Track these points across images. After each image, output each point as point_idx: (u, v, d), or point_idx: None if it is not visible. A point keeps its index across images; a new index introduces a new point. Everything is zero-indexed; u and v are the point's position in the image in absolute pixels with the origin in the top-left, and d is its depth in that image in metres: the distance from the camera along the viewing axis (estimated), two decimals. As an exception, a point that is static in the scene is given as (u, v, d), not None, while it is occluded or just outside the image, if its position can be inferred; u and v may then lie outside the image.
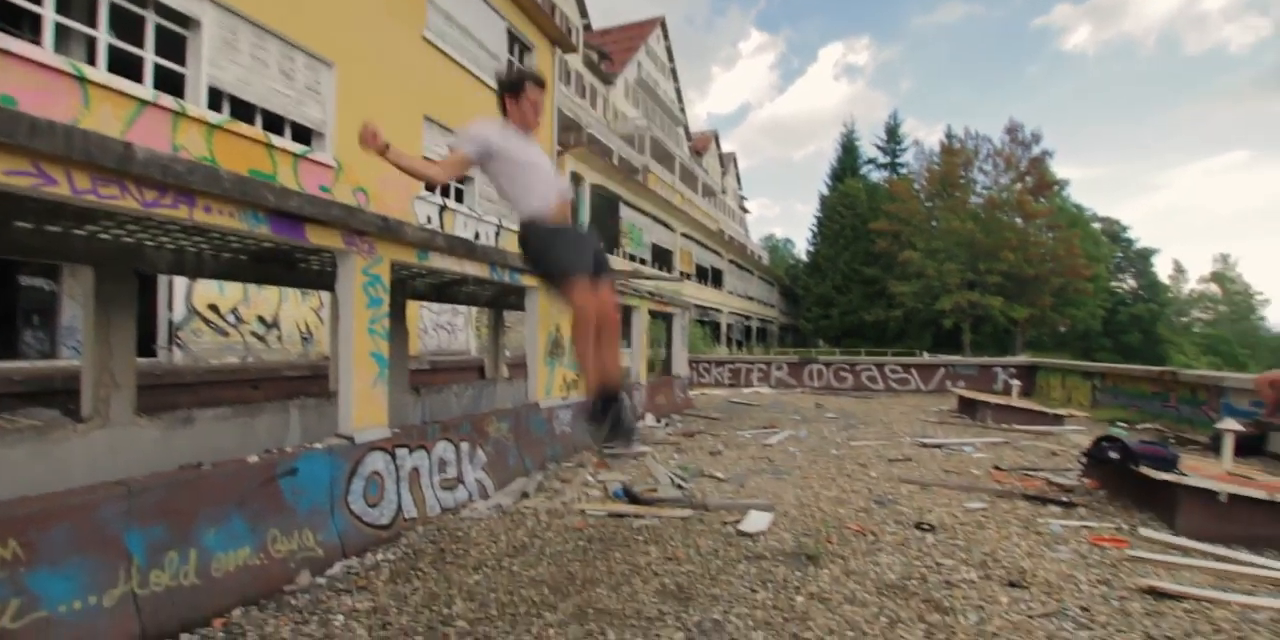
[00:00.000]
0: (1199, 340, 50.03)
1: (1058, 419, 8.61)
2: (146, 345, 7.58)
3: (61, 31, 6.44)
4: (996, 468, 5.74)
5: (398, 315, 6.76)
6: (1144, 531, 3.75)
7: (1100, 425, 8.49)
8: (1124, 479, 4.51)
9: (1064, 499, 4.56)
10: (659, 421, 8.89)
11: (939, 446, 6.96)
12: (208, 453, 4.75)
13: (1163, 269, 52.27)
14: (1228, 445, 4.53)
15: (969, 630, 2.51)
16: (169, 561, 2.53)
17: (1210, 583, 3.01)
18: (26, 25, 7.08)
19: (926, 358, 19.37)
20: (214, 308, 8.09)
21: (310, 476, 3.25)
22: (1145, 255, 47.49)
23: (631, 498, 4.50)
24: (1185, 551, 3.44)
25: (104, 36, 6.57)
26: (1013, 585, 2.96)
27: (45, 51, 5.94)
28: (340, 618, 2.64)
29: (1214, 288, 58.06)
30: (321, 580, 3.04)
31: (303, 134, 8.92)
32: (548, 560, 3.32)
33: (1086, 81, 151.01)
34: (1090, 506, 4.39)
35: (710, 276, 31.46)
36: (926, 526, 3.90)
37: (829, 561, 3.28)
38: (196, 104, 7.28)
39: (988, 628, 2.52)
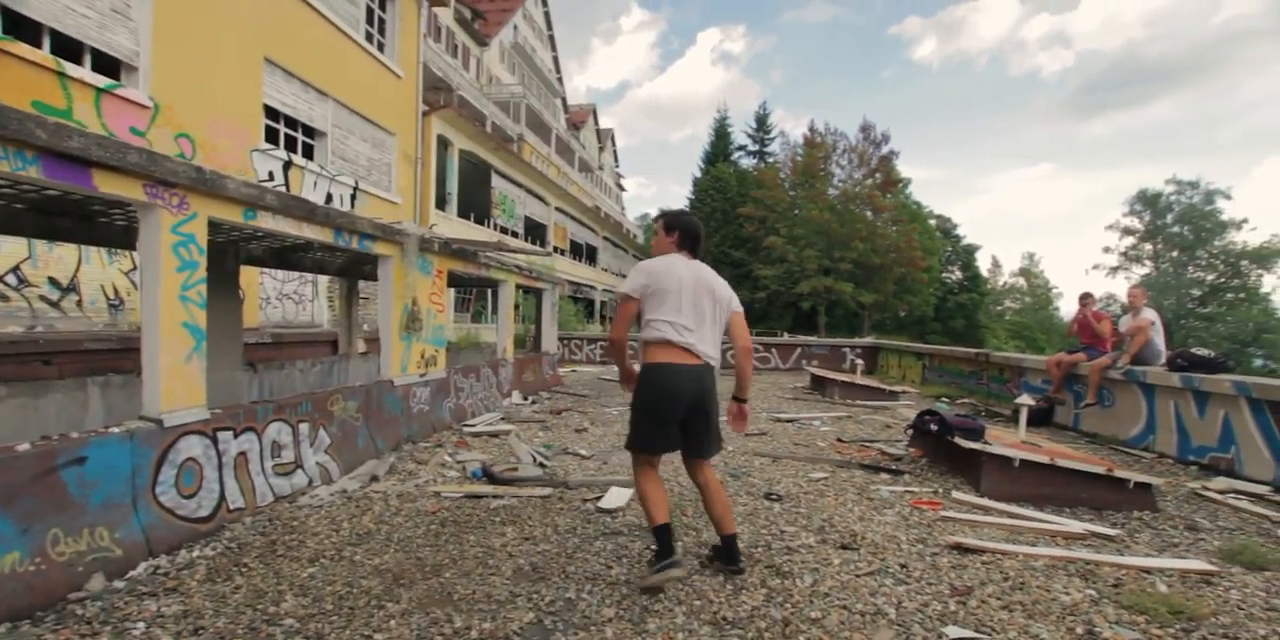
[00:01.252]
0: (1009, 326, 57.81)
1: (893, 395, 9.54)
2: (-110, 310, 6.19)
3: None
4: (839, 440, 6.23)
5: (228, 282, 6.03)
6: (956, 494, 4.23)
7: (927, 400, 9.51)
8: (942, 448, 5.06)
9: (893, 467, 5.04)
10: (526, 399, 8.74)
11: (792, 421, 7.44)
12: (-27, 440, 3.97)
13: (984, 263, 59.42)
14: (1023, 417, 5.23)
15: (804, 591, 2.68)
16: (-102, 575, 2.07)
17: (1004, 537, 3.46)
18: None
19: (786, 338, 20.69)
20: (-12, 267, 6.75)
21: (104, 466, 2.80)
22: (970, 250, 53.64)
23: (491, 478, 4.36)
24: (986, 511, 3.93)
25: None
26: (844, 547, 3.22)
27: None
28: (141, 625, 2.30)
29: (1022, 281, 67.24)
30: (120, 584, 2.64)
31: (110, 67, 7.58)
32: (395, 547, 3.13)
33: (929, 89, 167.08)
34: (914, 473, 4.89)
35: (585, 253, 31.33)
36: (775, 497, 4.14)
37: (683, 534, 3.38)
38: (-42, 15, 5.92)
39: (820, 588, 2.70)
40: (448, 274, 6.62)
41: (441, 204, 16.72)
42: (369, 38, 12.86)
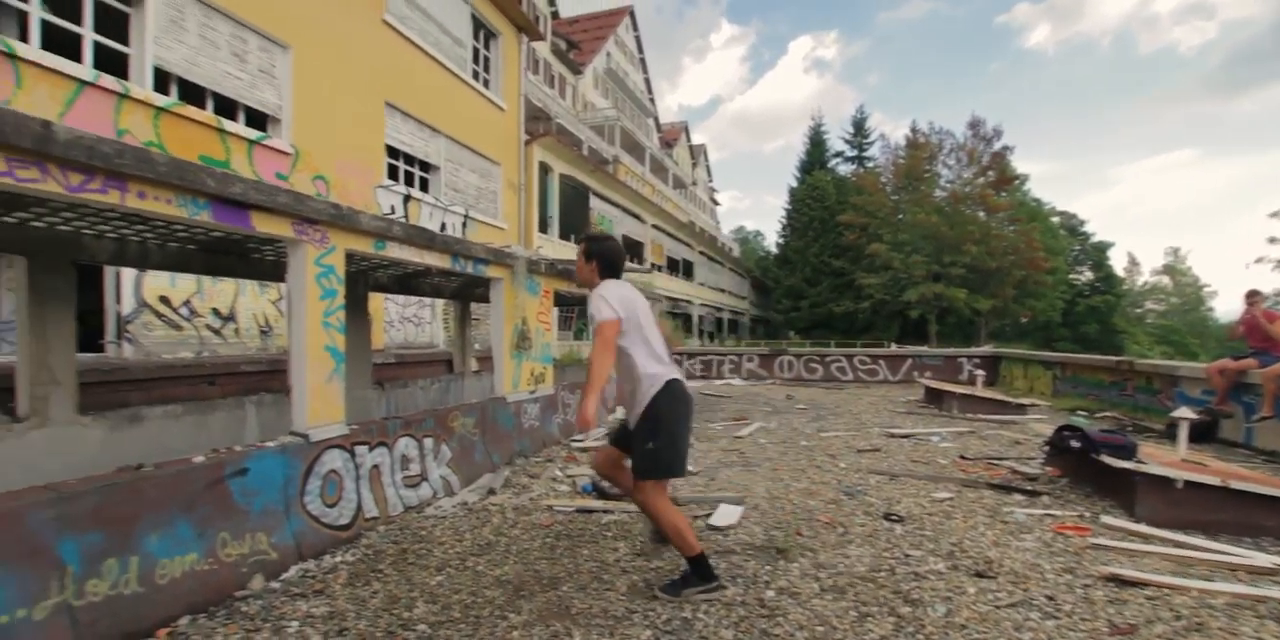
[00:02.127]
0: (1152, 330, 51.97)
1: (1020, 408, 8.79)
2: (93, 340, 7.24)
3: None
4: (962, 457, 5.81)
5: (358, 307, 6.56)
6: (1105, 519, 3.81)
7: (1061, 414, 8.69)
8: (1085, 467, 4.59)
9: (1028, 487, 4.63)
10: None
11: (907, 436, 7.04)
12: (158, 453, 4.52)
13: (1118, 262, 54.02)
14: (1183, 433, 4.65)
15: (937, 622, 2.50)
16: (108, 569, 2.38)
17: (1169, 569, 3.07)
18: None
19: (894, 349, 19.68)
20: (165, 300, 7.76)
21: (262, 476, 3.11)
22: (1101, 248, 48.96)
23: (600, 493, 4.43)
24: (1145, 538, 3.51)
25: (37, 11, 6.18)
26: (980, 575, 2.98)
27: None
28: (295, 624, 2.51)
29: (1166, 280, 60.34)
30: (276, 585, 2.90)
31: (258, 119, 8.57)
32: (514, 559, 3.24)
33: (1045, 79, 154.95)
34: (1053, 494, 4.47)
35: (681, 268, 31.47)
36: (895, 517, 3.91)
37: (799, 555, 3.26)
38: (141, 85, 6.92)
39: (956, 619, 2.51)
40: (554, 293, 6.86)
41: (544, 227, 17.43)
42: (475, 76, 13.73)
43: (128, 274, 7.30)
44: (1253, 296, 6.49)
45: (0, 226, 3.70)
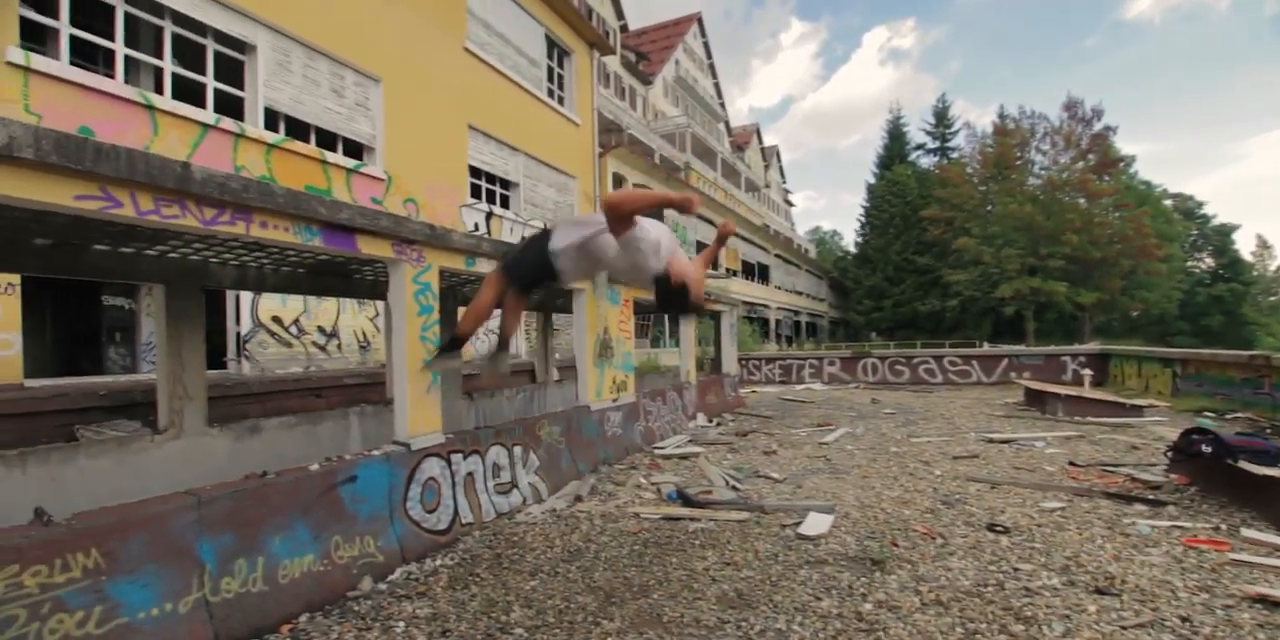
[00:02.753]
0: (1291, 321, 46.54)
1: (1136, 410, 8.09)
2: (217, 358, 7.95)
3: (130, 63, 6.80)
4: (1072, 464, 5.42)
5: (449, 321, 6.87)
6: (1246, 532, 3.45)
7: (1185, 416, 7.94)
8: (1218, 474, 4.18)
9: (1151, 497, 4.25)
10: (710, 421, 8.79)
11: (1007, 442, 6.63)
12: (274, 460, 4.91)
13: (1245, 245, 48.89)
14: (1338, 436, 4.15)
15: (1055, 641, 2.34)
16: (238, 569, 2.61)
17: (1328, 589, 2.74)
18: (100, 59, 7.53)
19: (988, 348, 18.59)
20: (277, 320, 8.42)
21: (369, 483, 3.31)
22: (1224, 232, 44.50)
23: (686, 500, 4.43)
24: (1296, 554, 3.15)
25: (169, 66, 6.91)
26: (1100, 592, 2.76)
27: (117, 83, 6.28)
28: (401, 624, 2.66)
29: (1306, 264, 53.91)
30: (383, 586, 3.08)
31: (354, 149, 9.19)
32: (603, 565, 3.29)
33: (1151, 51, 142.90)
34: (1181, 505, 4.08)
35: (757, 272, 31.05)
36: (1000, 528, 3.69)
37: (896, 566, 3.14)
38: (255, 125, 7.58)
39: (1076, 639, 2.34)
40: (633, 302, 6.95)
41: (618, 236, 17.65)
42: (550, 93, 14.16)
43: (245, 297, 7.99)
44: None
45: (143, 259, 4.15)
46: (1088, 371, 11.26)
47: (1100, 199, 31.97)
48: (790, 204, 54.95)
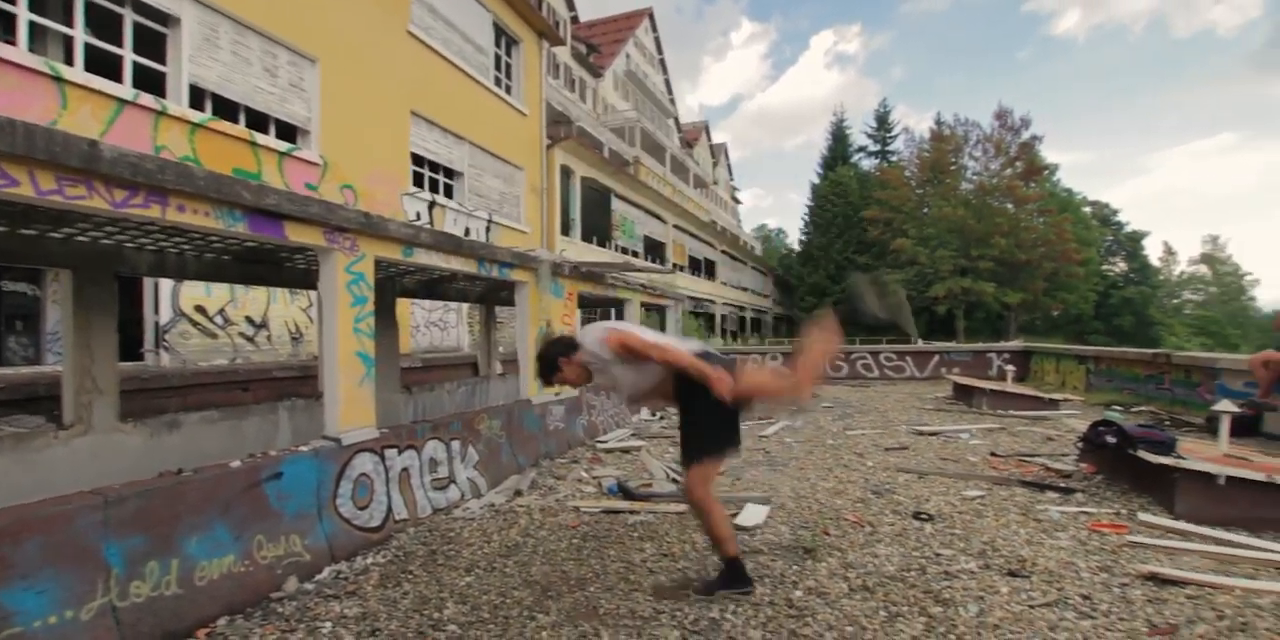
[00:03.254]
0: (1190, 322, 50.43)
1: (1053, 404, 8.61)
2: (133, 349, 7.48)
3: (36, 31, 6.29)
4: (993, 454, 5.71)
5: (387, 313, 6.67)
6: (1143, 516, 3.72)
7: (1095, 409, 8.49)
8: (1121, 463, 4.48)
9: (1062, 485, 4.53)
10: (653, 415, 8.85)
11: (935, 434, 6.93)
12: (195, 457, 4.67)
13: (1153, 252, 52.58)
14: (1224, 427, 4.51)
15: (969, 622, 2.47)
16: (150, 572, 2.47)
17: (1211, 567, 2.98)
18: (1, 25, 6.94)
19: (921, 345, 19.39)
20: (201, 309, 7.99)
21: (296, 480, 3.19)
22: (1136, 238, 47.65)
23: (626, 493, 4.45)
24: (1185, 536, 3.42)
25: (81, 35, 6.42)
26: (1013, 574, 2.93)
27: (20, 51, 5.80)
28: (328, 625, 2.58)
29: (1204, 269, 58.49)
30: (310, 586, 2.97)
31: (288, 131, 8.78)
32: (541, 560, 3.27)
33: (1076, 66, 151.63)
34: (1088, 492, 4.37)
35: (703, 268, 31.39)
36: (924, 516, 3.86)
37: (826, 554, 3.24)
38: (178, 103, 7.15)
39: (989, 619, 2.48)
40: (577, 296, 6.91)
41: (566, 230, 17.53)
42: (497, 82, 13.88)
43: (165, 284, 7.54)
44: (1297, 286, 6.27)
45: (48, 242, 3.86)
46: (1011, 367, 11.89)
47: (1026, 204, 33.76)
48: (737, 201, 55.75)
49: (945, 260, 33.10)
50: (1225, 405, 4.62)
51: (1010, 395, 8.94)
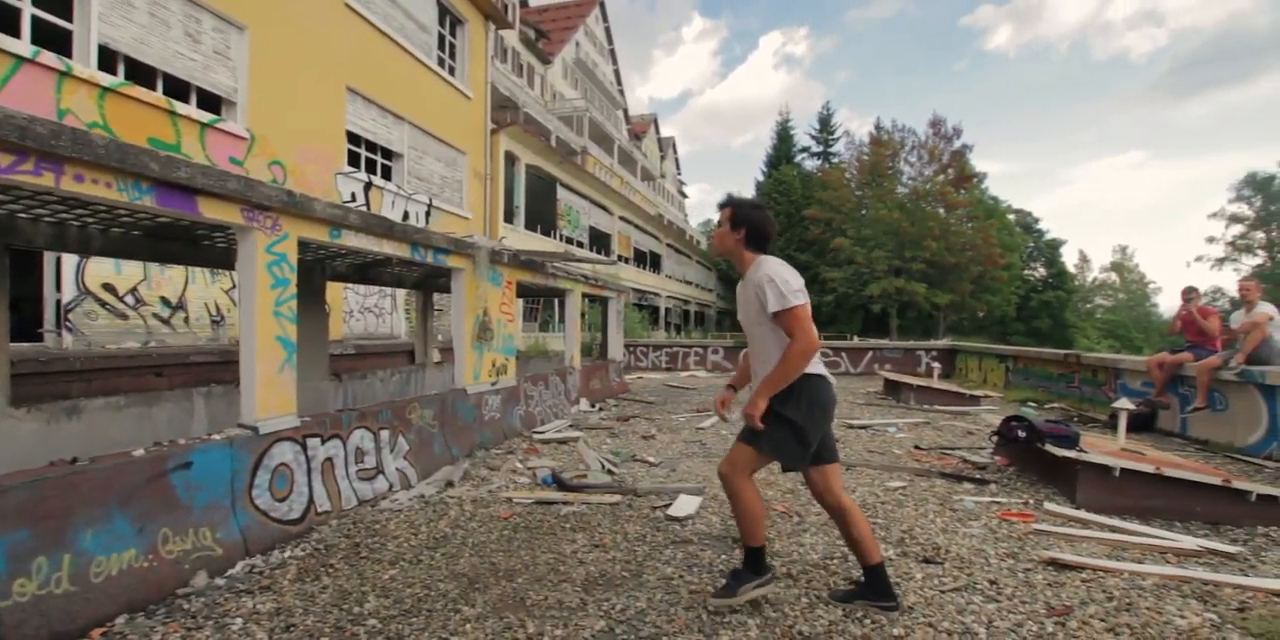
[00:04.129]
0: (1100, 325, 54.09)
1: (974, 400, 9.07)
2: (31, 329, 6.90)
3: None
4: (917, 447, 5.97)
5: (315, 297, 6.39)
6: (1048, 506, 3.96)
7: (1012, 405, 8.99)
8: (1031, 456, 4.76)
9: (977, 476, 4.78)
10: (593, 406, 8.83)
11: (865, 427, 7.19)
12: (99, 446, 4.35)
13: (1070, 258, 55.94)
14: (1122, 423, 4.86)
15: (885, 607, 2.57)
16: (37, 568, 2.28)
17: (1105, 552, 3.20)
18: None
19: (856, 341, 20.08)
20: (110, 288, 7.43)
21: (207, 470, 3.01)
22: (1054, 245, 50.59)
23: (561, 484, 4.42)
24: (1084, 524, 3.66)
25: (-33, -18, 5.83)
26: (927, 561, 3.07)
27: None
28: (239, 621, 2.45)
29: (1114, 276, 62.83)
30: (221, 581, 2.82)
31: (212, 102, 8.24)
32: (470, 552, 3.21)
33: (1006, 81, 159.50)
34: (1001, 483, 4.62)
35: (649, 261, 31.48)
36: (849, 506, 4.00)
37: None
38: (85, 64, 6.59)
39: (902, 603, 2.58)
40: (516, 285, 6.79)
41: (510, 217, 17.22)
42: (440, 63, 13.43)
43: (69, 260, 6.97)
44: (1189, 293, 6.79)
45: (-78, 208, 3.50)
46: (938, 365, 12.46)
47: (957, 210, 35.34)
48: (684, 195, 56.11)
49: (881, 260, 34.31)
50: (1124, 403, 4.97)
51: (936, 391, 9.36)
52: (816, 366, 2.56)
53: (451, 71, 13.93)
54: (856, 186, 37.81)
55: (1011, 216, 47.07)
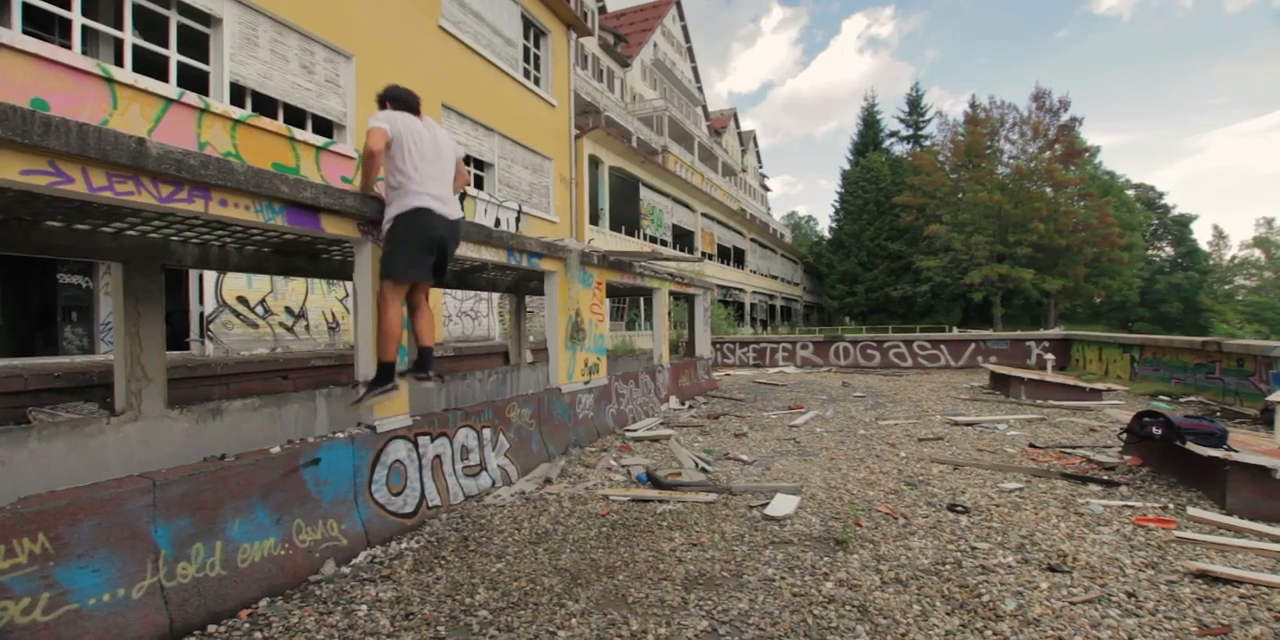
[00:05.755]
0: (1243, 308, 48.28)
1: (1095, 394, 8.35)
2: (179, 339, 7.74)
3: (89, 34, 6.49)
4: (1032, 445, 5.57)
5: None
6: (1192, 511, 3.59)
7: (1141, 399, 8.21)
8: (1168, 456, 4.33)
9: (1105, 477, 4.40)
10: (683, 404, 8.84)
11: (971, 424, 6.79)
12: (237, 443, 4.82)
13: (1202, 235, 50.50)
14: (1280, 419, 4.32)
15: (1008, 617, 2.41)
16: (195, 553, 2.56)
17: (1267, 565, 2.87)
18: (57, 30, 7.17)
19: (956, 333, 18.97)
20: (243, 300, 8.21)
21: (333, 466, 3.26)
22: (1183, 222, 45.80)
23: (655, 482, 4.46)
24: (1237, 532, 3.29)
25: (129, 37, 6.61)
26: (1053, 569, 2.85)
27: (74, 54, 5.99)
28: (364, 608, 2.64)
29: (1258, 253, 55.87)
30: (346, 570, 3.05)
31: (324, 126, 8.93)
32: (571, 547, 3.30)
33: (1119, 44, 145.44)
34: (1133, 485, 4.23)
35: (732, 256, 31.14)
36: (960, 508, 3.79)
37: (858, 546, 3.20)
38: (220, 100, 7.31)
39: (1028, 614, 2.42)
40: (606, 285, 6.91)
41: (595, 219, 17.54)
42: (526, 74, 13.89)
43: (209, 276, 7.76)
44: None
45: (101, 236, 3.99)
46: (1050, 356, 11.56)
47: (1066, 188, 32.58)
48: (766, 189, 55.07)
49: (981, 246, 32.21)
50: (1281, 396, 4.42)
51: (1050, 385, 8.70)
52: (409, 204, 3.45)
53: (536, 82, 14.35)
54: (951, 169, 35.64)
55: (1131, 192, 43.06)
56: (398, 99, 3.73)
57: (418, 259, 3.46)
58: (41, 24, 6.62)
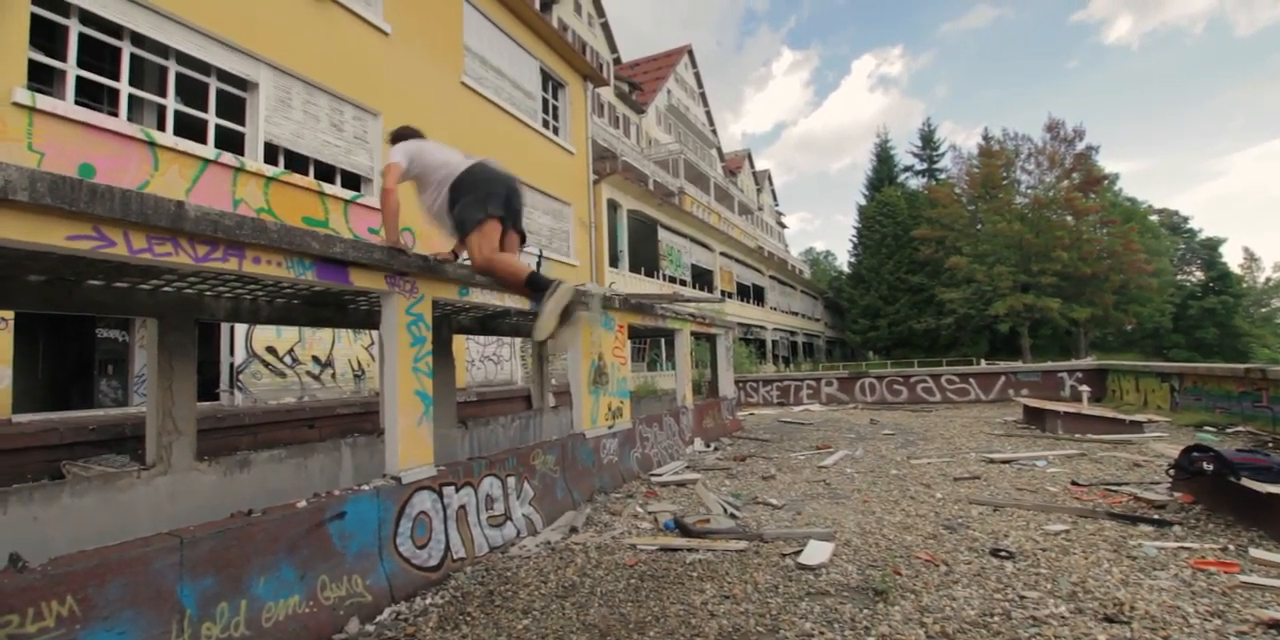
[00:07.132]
0: (1285, 333, 46.73)
1: (1136, 426, 8.04)
2: (210, 390, 7.87)
3: (134, 101, 6.89)
4: (1075, 483, 5.35)
5: (444, 350, 6.83)
6: (1255, 552, 3.39)
7: (1185, 431, 7.90)
8: (1222, 492, 4.13)
9: (1156, 516, 4.19)
10: (708, 446, 8.69)
11: (1008, 462, 6.56)
12: (264, 495, 4.83)
13: (1233, 258, 49.39)
14: (1339, 453, 4.11)
15: (1064, 674, 2.27)
16: (220, 613, 2.53)
17: (1341, 613, 2.68)
18: (105, 98, 7.62)
19: (985, 365, 18.56)
20: (272, 350, 8.36)
21: (358, 519, 3.24)
22: (1211, 245, 44.95)
23: (683, 530, 4.34)
24: (1305, 576, 3.09)
25: (171, 103, 7.00)
26: (1109, 620, 2.69)
27: (120, 120, 6.34)
28: (392, 667, 2.57)
29: (1296, 276, 54.40)
30: (370, 628, 2.99)
31: (352, 180, 9.26)
32: (599, 601, 3.20)
33: (1130, 73, 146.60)
34: (1187, 524, 4.02)
35: (752, 294, 31.14)
36: (1004, 553, 3.62)
37: (899, 597, 3.06)
38: (254, 159, 7.64)
39: (1085, 671, 2.27)
40: (628, 328, 6.93)
41: (614, 262, 17.75)
42: (545, 124, 14.36)
43: (240, 327, 7.94)
44: None
45: (138, 293, 4.13)
46: (1085, 387, 11.23)
47: (1087, 216, 32.36)
48: (783, 226, 55.47)
49: (1004, 276, 31.88)
50: (1338, 428, 4.22)
51: (1087, 418, 8.41)
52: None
53: (555, 131, 14.82)
54: (968, 201, 35.70)
55: (1154, 217, 42.54)
56: (407, 134, 4.13)
57: (491, 195, 3.62)
58: (91, 94, 7.04)
